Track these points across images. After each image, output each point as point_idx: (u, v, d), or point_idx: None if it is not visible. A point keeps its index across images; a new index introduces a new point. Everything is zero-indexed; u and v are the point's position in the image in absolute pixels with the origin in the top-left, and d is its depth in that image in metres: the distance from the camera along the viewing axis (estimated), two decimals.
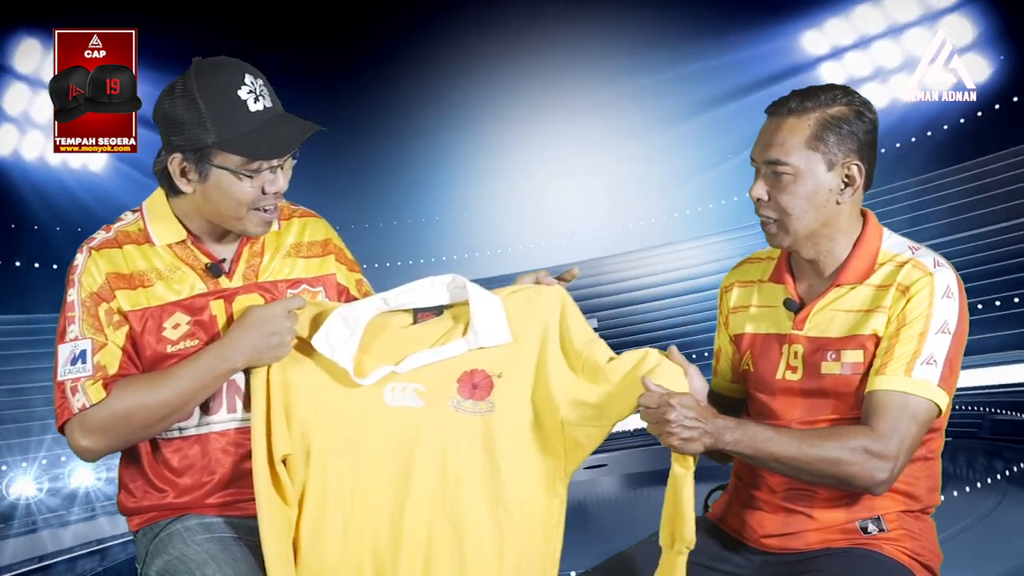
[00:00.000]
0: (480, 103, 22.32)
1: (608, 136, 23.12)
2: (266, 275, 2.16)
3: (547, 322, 2.04)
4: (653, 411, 1.88)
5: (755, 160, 2.07)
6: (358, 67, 21.68)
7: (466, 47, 20.99)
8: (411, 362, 2.03)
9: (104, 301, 2.05)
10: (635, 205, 23.27)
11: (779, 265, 2.17)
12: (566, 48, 21.55)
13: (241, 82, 2.00)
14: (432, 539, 1.99)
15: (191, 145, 2.00)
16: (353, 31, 21.33)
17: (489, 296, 2.05)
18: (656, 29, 19.78)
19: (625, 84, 21.81)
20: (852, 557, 1.98)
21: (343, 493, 2.01)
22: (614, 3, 20.37)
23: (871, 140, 2.04)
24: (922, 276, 1.99)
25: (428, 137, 22.58)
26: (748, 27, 18.47)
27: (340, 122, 22.10)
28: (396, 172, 23.10)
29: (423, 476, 2.00)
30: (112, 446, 2.03)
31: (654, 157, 22.78)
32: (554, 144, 23.25)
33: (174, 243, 2.11)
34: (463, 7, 20.57)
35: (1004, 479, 10.34)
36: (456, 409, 2.02)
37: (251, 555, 2.01)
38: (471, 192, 23.55)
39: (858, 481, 1.93)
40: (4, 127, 17.09)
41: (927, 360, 1.95)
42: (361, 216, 23.34)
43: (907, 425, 1.93)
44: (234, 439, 2.11)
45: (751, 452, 1.92)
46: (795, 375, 2.07)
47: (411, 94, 21.97)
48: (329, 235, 2.28)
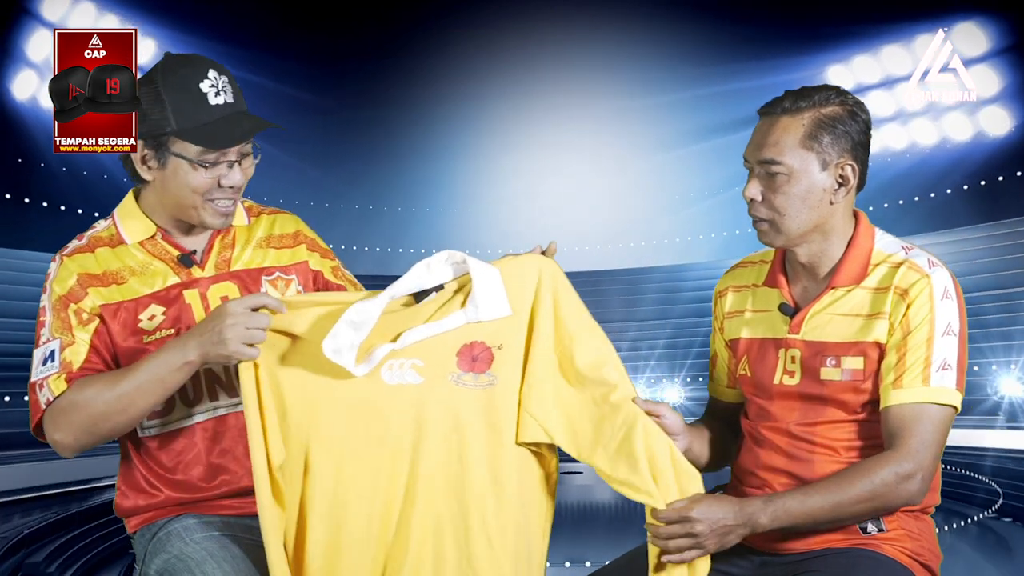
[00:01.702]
0: (497, 104, 22.37)
1: (621, 150, 23.17)
2: (238, 265, 2.17)
3: (538, 293, 2.02)
4: (674, 530, 1.88)
5: (748, 160, 2.05)
6: (389, 52, 21.69)
7: (491, 50, 21.04)
8: (409, 337, 2.00)
9: (73, 302, 2.06)
10: (640, 223, 23.34)
11: (773, 269, 2.15)
12: (597, 61, 21.59)
13: (204, 76, 2.04)
14: (439, 516, 1.97)
15: (152, 132, 2.03)
16: (387, 18, 21.37)
17: (488, 268, 2.03)
18: (684, 49, 19.81)
19: (645, 99, 21.86)
20: (852, 557, 1.96)
21: (352, 480, 1.98)
22: (644, 20, 20.37)
23: (865, 140, 2.03)
24: (919, 278, 1.97)
25: (442, 134, 22.61)
26: (774, 55, 18.46)
27: (365, 105, 22.15)
28: (409, 160, 23.13)
29: (428, 453, 1.98)
30: (80, 439, 2.00)
31: (662, 176, 22.86)
32: (562, 151, 23.31)
33: (145, 239, 2.13)
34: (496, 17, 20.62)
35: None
36: (456, 383, 2.00)
37: (250, 553, 2.01)
38: (475, 189, 23.61)
39: (897, 504, 1.93)
40: (25, 72, 17.15)
41: (942, 366, 1.94)
42: (373, 200, 23.42)
43: (931, 436, 1.92)
44: (221, 427, 2.11)
45: (790, 523, 1.91)
46: (793, 380, 2.05)
47: (433, 90, 21.99)
48: (299, 227, 2.29)
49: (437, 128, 22.62)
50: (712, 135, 21.07)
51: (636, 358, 18.46)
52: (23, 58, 17.21)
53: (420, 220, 23.95)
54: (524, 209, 23.54)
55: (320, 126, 21.89)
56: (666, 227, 23.31)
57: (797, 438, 2.04)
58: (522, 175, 23.83)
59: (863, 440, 2.01)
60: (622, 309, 20.90)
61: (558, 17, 21.12)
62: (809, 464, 2.02)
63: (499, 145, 23.24)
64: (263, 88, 20.10)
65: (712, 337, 2.27)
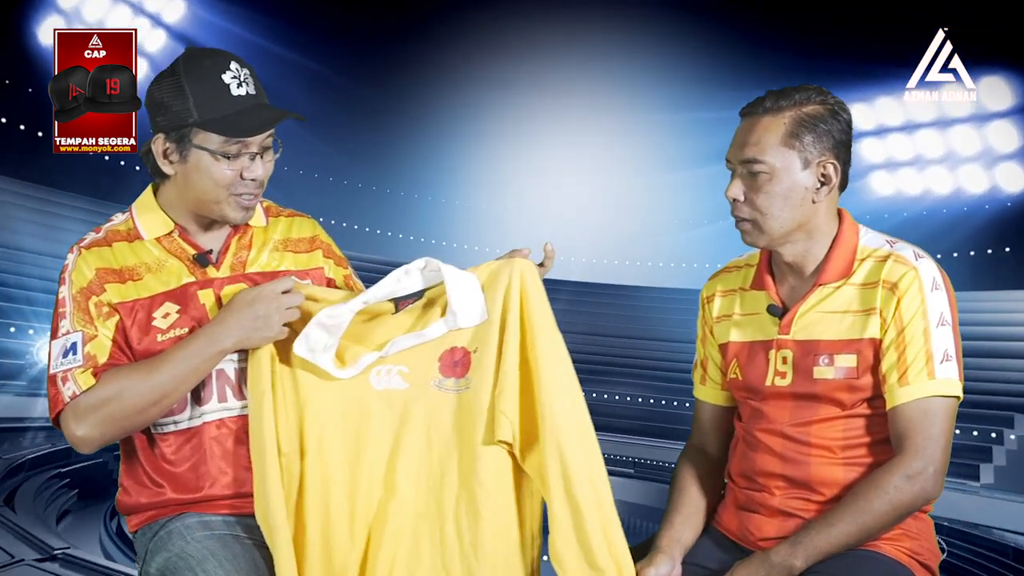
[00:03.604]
0: (523, 97, 22.30)
1: (626, 165, 23.12)
2: (254, 267, 2.18)
3: (507, 295, 2.04)
4: None
5: (730, 160, 2.06)
6: (410, 35, 21.68)
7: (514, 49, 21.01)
8: (395, 346, 2.04)
9: (94, 295, 2.07)
10: (634, 242, 23.33)
11: (759, 271, 2.16)
12: (617, 74, 21.55)
13: (226, 67, 2.05)
14: (418, 517, 2.00)
15: (174, 124, 2.04)
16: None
17: (464, 276, 2.05)
18: (702, 70, 19.78)
19: (655, 116, 21.81)
20: (851, 557, 1.96)
21: (339, 477, 2.01)
22: (668, 39, 20.35)
23: (846, 140, 2.04)
24: (907, 271, 1.98)
25: (461, 123, 22.58)
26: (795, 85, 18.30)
27: (389, 86, 22.13)
28: (421, 145, 23.09)
29: (409, 457, 2.01)
30: (106, 433, 2.02)
31: (664, 196, 22.84)
32: (565, 159, 23.28)
33: (162, 236, 2.14)
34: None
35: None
36: (438, 388, 2.03)
37: (251, 553, 2.02)
38: (487, 182, 23.56)
39: (917, 504, 1.96)
40: (52, 17, 17.13)
41: (944, 357, 1.95)
42: (383, 182, 23.40)
43: (938, 429, 1.94)
44: (228, 430, 2.11)
45: (821, 557, 1.94)
46: (785, 380, 2.06)
47: (457, 77, 21.96)
48: (316, 232, 2.30)
49: (455, 116, 22.57)
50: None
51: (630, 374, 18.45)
52: (51, 3, 17.19)
53: (421, 208, 23.93)
54: (535, 209, 23.51)
55: (336, 102, 21.86)
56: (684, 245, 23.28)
57: (791, 439, 2.04)
58: (545, 173, 23.79)
59: (858, 438, 2.02)
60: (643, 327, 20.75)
61: (597, 15, 21.08)
62: (805, 466, 2.04)
63: (523, 141, 23.20)
64: (279, 58, 20.09)
65: (700, 341, 2.26)
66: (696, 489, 2.19)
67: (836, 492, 2.01)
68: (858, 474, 2.01)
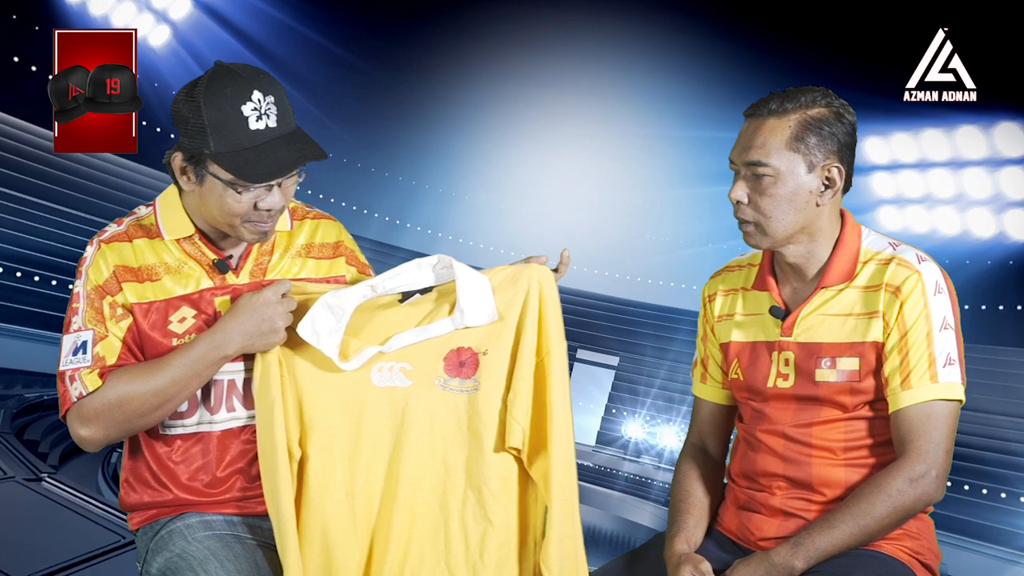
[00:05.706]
0: (538, 92, 22.20)
1: (631, 180, 23.03)
2: (274, 273, 2.17)
3: (527, 300, 2.05)
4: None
5: (734, 162, 2.05)
6: (441, 24, 21.62)
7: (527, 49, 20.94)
8: (397, 342, 2.03)
9: (109, 294, 2.06)
10: (633, 259, 23.23)
11: (761, 271, 2.16)
12: (633, 90, 21.48)
13: (248, 98, 1.97)
14: (418, 518, 2.00)
15: (189, 148, 2.01)
16: None
17: (476, 275, 2.05)
18: (712, 88, 19.69)
19: (664, 132, 21.72)
20: (852, 557, 1.97)
21: (340, 478, 2.01)
22: (680, 54, 20.28)
23: (851, 142, 2.03)
24: (910, 274, 1.99)
25: (473, 115, 22.50)
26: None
27: (406, 71, 22.08)
28: (430, 134, 23.01)
29: (412, 456, 2.01)
30: (110, 434, 2.03)
31: (664, 214, 22.75)
32: (568, 168, 23.17)
33: (182, 238, 2.12)
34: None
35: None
36: (443, 388, 2.03)
37: (252, 553, 2.03)
38: (494, 178, 23.46)
39: (919, 507, 1.96)
40: None
41: (947, 361, 1.96)
42: (390, 169, 23.33)
43: (941, 432, 1.95)
44: (235, 438, 2.12)
45: (823, 557, 1.95)
46: (787, 382, 2.06)
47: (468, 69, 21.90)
48: (341, 237, 2.27)
49: (468, 108, 22.50)
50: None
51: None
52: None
53: (426, 196, 23.85)
54: (536, 209, 23.43)
55: (353, 84, 21.81)
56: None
57: (793, 440, 2.06)
58: (554, 172, 23.68)
59: (860, 440, 2.03)
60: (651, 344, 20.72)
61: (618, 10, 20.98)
62: (806, 467, 2.05)
63: (528, 138, 23.11)
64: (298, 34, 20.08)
65: (700, 340, 2.27)
66: (701, 490, 2.21)
67: (838, 493, 2.02)
68: (860, 475, 2.02)
